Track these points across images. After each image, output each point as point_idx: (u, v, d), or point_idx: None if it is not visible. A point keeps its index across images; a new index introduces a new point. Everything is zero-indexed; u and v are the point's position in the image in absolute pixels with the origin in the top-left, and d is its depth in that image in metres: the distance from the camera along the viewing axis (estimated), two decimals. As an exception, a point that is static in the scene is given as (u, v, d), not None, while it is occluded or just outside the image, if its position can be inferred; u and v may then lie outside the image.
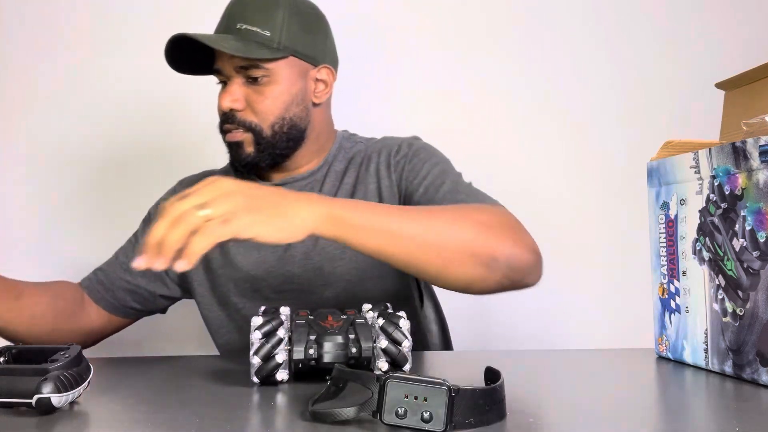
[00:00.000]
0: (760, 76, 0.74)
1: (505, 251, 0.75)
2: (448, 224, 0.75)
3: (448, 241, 0.73)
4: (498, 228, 0.77)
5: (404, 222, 0.72)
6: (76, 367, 0.56)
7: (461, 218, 0.76)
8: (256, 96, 0.94)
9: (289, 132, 0.96)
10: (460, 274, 0.75)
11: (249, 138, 0.95)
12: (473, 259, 0.74)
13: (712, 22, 1.68)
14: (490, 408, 0.48)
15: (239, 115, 0.94)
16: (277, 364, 0.62)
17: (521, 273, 0.77)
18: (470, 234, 0.75)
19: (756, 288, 0.62)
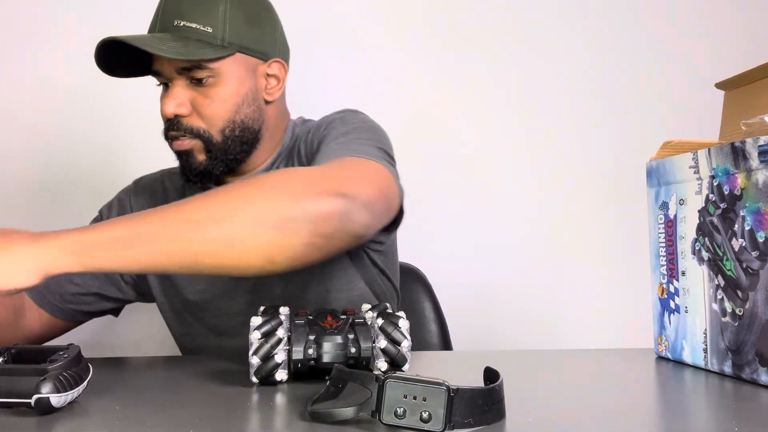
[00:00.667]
0: (759, 77, 0.74)
1: (303, 210, 0.66)
2: (204, 210, 0.65)
3: (207, 230, 0.64)
4: (300, 186, 0.68)
5: (155, 224, 0.64)
6: (75, 367, 0.56)
7: (234, 194, 0.67)
8: (203, 99, 0.87)
9: (241, 135, 0.90)
10: (247, 249, 0.65)
11: (198, 145, 0.88)
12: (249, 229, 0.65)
13: (712, 22, 1.68)
14: (489, 408, 0.48)
15: (185, 121, 0.87)
16: (276, 364, 0.62)
17: (337, 225, 0.68)
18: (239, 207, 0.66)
19: (755, 288, 0.62)
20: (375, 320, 0.66)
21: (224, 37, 0.86)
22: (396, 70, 1.59)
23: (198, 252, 0.64)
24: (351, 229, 0.69)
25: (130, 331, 1.48)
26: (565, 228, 1.60)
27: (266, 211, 0.65)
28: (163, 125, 0.89)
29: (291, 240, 0.65)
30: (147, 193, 1.03)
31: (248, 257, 0.65)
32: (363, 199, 0.71)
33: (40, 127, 1.48)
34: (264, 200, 0.66)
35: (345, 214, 0.68)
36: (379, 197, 0.75)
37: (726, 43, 1.66)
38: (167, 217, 0.65)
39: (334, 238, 0.68)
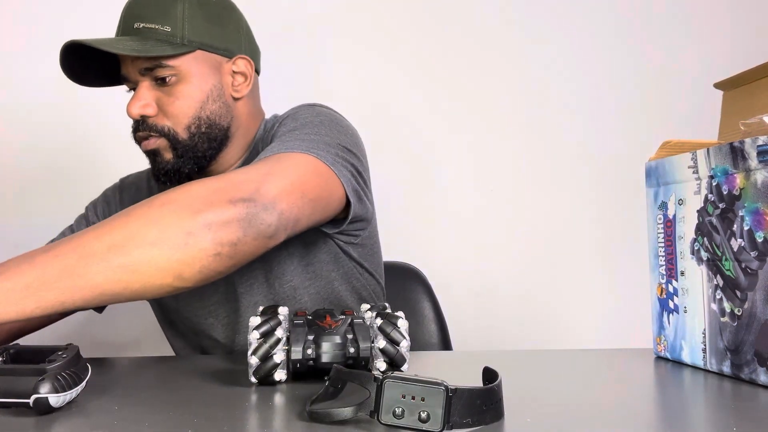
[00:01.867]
0: (758, 77, 0.74)
1: (205, 223, 0.65)
2: (104, 238, 0.63)
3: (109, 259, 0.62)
4: (187, 201, 0.66)
5: (54, 265, 0.61)
6: (74, 367, 0.56)
7: (126, 220, 0.65)
8: (167, 98, 0.88)
9: (208, 132, 0.90)
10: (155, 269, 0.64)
11: (164, 144, 0.89)
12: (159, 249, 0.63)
13: (711, 22, 1.68)
14: (487, 408, 0.48)
15: (150, 121, 0.88)
16: (275, 364, 0.62)
17: (240, 230, 0.67)
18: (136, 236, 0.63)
19: (754, 288, 0.62)
20: (374, 320, 0.66)
21: (183, 35, 0.87)
22: (395, 70, 1.59)
23: (104, 282, 0.62)
24: (256, 232, 0.69)
25: (129, 331, 1.48)
26: (565, 228, 1.60)
27: (166, 230, 0.64)
28: (132, 128, 0.90)
29: (196, 254, 0.65)
30: (132, 190, 1.05)
31: (156, 278, 0.64)
32: (267, 199, 0.70)
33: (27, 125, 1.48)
34: (163, 219, 0.65)
35: (246, 219, 0.68)
36: (290, 192, 0.73)
37: (725, 43, 1.66)
38: (66, 255, 0.62)
39: (241, 244, 0.68)
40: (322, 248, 0.95)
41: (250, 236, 0.68)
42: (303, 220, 0.77)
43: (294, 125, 0.88)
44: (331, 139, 0.86)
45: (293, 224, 0.75)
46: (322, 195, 0.80)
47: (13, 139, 1.48)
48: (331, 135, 0.87)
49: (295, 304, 0.94)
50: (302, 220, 0.76)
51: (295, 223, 0.75)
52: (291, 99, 1.05)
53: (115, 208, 1.03)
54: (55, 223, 1.10)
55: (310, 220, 0.78)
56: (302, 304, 0.95)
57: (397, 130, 1.58)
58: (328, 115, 0.92)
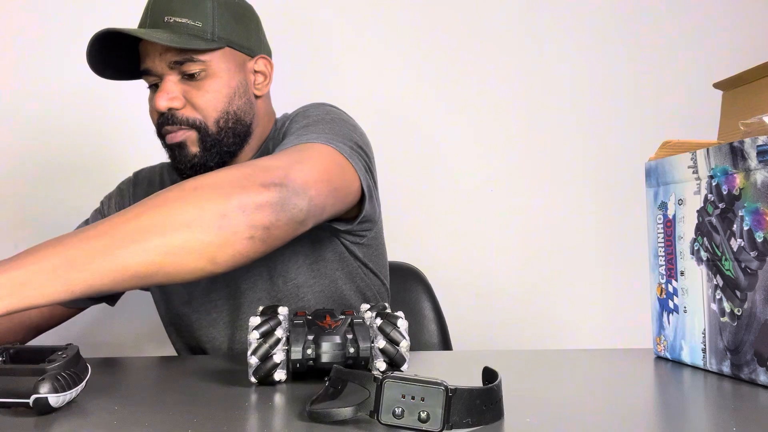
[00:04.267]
0: (757, 77, 0.74)
1: (236, 205, 0.65)
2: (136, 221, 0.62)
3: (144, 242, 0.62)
4: (233, 185, 0.66)
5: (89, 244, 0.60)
6: (74, 367, 0.56)
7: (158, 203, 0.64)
8: (195, 91, 0.88)
9: (234, 127, 0.91)
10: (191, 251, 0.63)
11: (193, 136, 0.89)
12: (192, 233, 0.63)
13: (711, 22, 1.68)
14: (487, 408, 0.48)
15: (179, 114, 0.88)
16: (275, 364, 0.62)
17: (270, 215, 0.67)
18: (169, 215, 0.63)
19: (754, 288, 0.62)
20: (374, 320, 0.66)
21: (214, 32, 0.88)
22: (394, 70, 1.59)
23: (137, 264, 0.61)
24: (288, 216, 0.68)
25: (129, 331, 1.48)
26: (565, 228, 1.60)
27: (201, 213, 0.64)
28: (156, 123, 0.91)
29: (230, 237, 0.64)
30: (145, 184, 1.06)
31: (190, 261, 0.63)
32: (297, 185, 0.70)
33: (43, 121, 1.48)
34: (196, 202, 0.64)
35: (279, 203, 0.67)
36: (318, 180, 0.74)
37: (725, 43, 1.66)
38: (97, 237, 0.61)
39: (274, 228, 0.67)
40: (328, 247, 0.95)
41: (282, 220, 0.68)
42: (328, 209, 0.77)
43: (306, 122, 0.89)
44: (345, 135, 0.87)
45: (320, 212, 0.74)
46: (343, 185, 0.80)
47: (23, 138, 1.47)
48: (344, 131, 0.88)
49: (298, 302, 0.95)
50: (327, 208, 0.76)
51: (321, 211, 0.75)
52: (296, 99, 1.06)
53: (128, 201, 1.04)
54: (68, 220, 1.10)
55: (333, 210, 0.79)
56: (305, 303, 0.95)
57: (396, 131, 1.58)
58: (339, 114, 0.93)
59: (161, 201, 0.65)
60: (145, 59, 0.88)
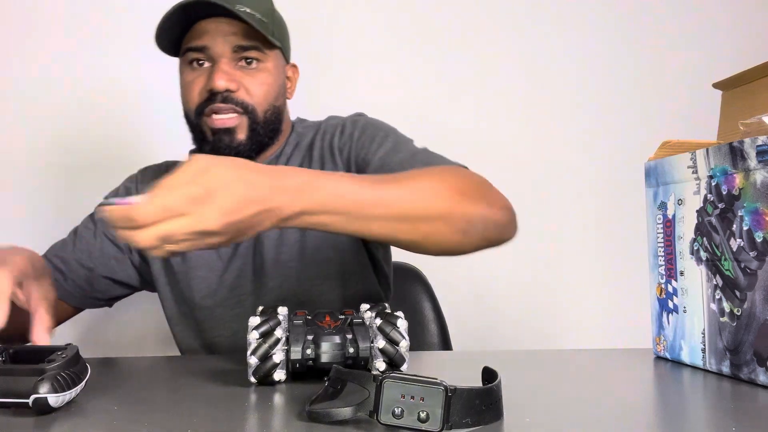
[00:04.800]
0: (757, 76, 0.74)
1: (480, 214, 0.73)
2: (421, 193, 0.70)
3: (424, 211, 0.69)
4: (470, 191, 0.74)
5: (378, 193, 0.66)
6: (73, 367, 0.56)
7: (433, 185, 0.71)
8: (251, 78, 0.90)
9: (274, 122, 0.94)
10: (437, 243, 0.71)
11: (244, 122, 0.90)
12: (450, 227, 0.70)
13: (711, 22, 1.68)
14: (486, 408, 0.48)
15: (236, 96, 0.89)
16: (275, 364, 0.62)
17: (497, 233, 0.75)
18: (444, 202, 0.70)
19: (753, 288, 0.62)
20: (373, 320, 0.66)
21: (273, 31, 0.92)
22: (394, 68, 1.59)
23: (423, 231, 0.69)
24: (506, 238, 0.78)
25: (129, 331, 1.48)
26: (564, 228, 1.60)
27: (460, 215, 0.71)
28: (199, 103, 0.90)
29: (468, 240, 0.72)
30: (153, 181, 1.04)
31: (439, 247, 0.72)
32: (514, 214, 0.80)
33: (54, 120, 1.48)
34: (459, 203, 0.72)
35: (507, 226, 0.77)
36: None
37: (724, 43, 1.66)
38: (409, 191, 0.69)
39: (493, 243, 0.76)
40: (357, 252, 0.98)
41: (499, 241, 0.77)
42: None
43: (384, 133, 0.94)
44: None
45: None
46: None
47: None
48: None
49: (319, 305, 0.95)
50: None
51: None
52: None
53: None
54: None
55: None
56: (324, 305, 0.96)
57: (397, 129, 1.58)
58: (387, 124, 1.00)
59: (444, 178, 0.73)
60: (204, 37, 0.89)
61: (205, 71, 0.91)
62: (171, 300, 1.01)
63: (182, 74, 0.94)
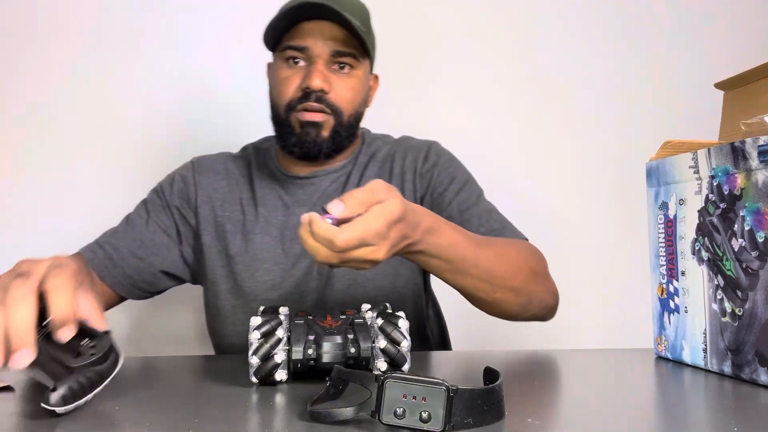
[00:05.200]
0: (758, 77, 0.74)
1: (540, 297, 0.84)
2: (508, 265, 0.80)
3: (505, 282, 0.79)
4: (539, 273, 0.85)
5: (478, 254, 0.75)
6: (100, 365, 0.55)
7: (519, 261, 0.82)
8: (342, 83, 0.95)
9: (353, 127, 0.99)
10: (501, 308, 0.82)
11: (330, 122, 0.95)
12: (516, 299, 0.81)
13: (712, 22, 1.68)
14: (488, 408, 0.48)
15: (328, 97, 0.94)
16: (276, 364, 0.62)
17: (542, 314, 0.87)
18: (521, 278, 0.81)
19: (755, 288, 0.62)
20: (374, 320, 0.66)
21: (369, 42, 0.97)
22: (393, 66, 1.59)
23: (498, 297, 0.80)
24: (547, 319, 0.90)
25: (129, 331, 1.48)
26: (565, 227, 1.60)
27: (527, 293, 0.83)
28: (290, 98, 0.95)
29: (523, 313, 0.84)
30: (210, 172, 1.07)
31: (500, 311, 0.83)
32: (559, 300, 0.91)
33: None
34: (530, 283, 0.83)
35: (552, 311, 0.91)
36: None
37: (726, 43, 1.66)
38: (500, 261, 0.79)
39: (537, 319, 0.88)
40: (420, 275, 1.04)
41: (541, 320, 0.89)
42: None
43: (464, 177, 1.03)
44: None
45: None
46: None
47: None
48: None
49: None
50: None
51: None
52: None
53: (193, 188, 1.04)
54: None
55: None
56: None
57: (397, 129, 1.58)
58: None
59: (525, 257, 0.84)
60: (306, 38, 0.93)
61: (302, 70, 0.95)
62: (226, 292, 1.01)
63: (278, 69, 0.98)
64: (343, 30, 0.93)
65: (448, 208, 0.98)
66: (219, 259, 1.01)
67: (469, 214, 0.97)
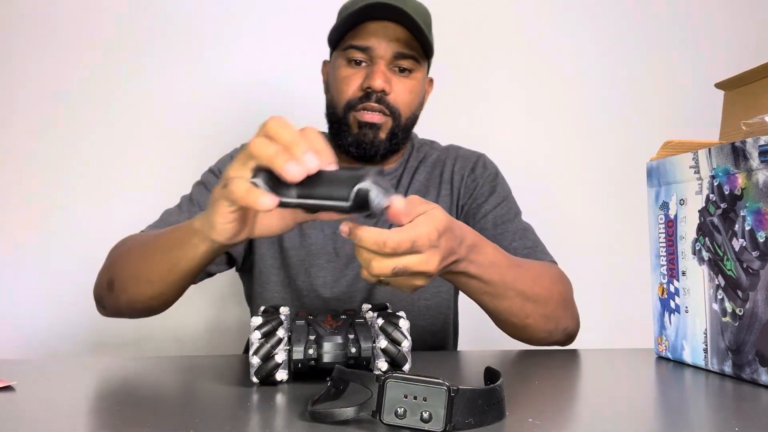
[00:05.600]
0: (759, 77, 0.74)
1: (565, 324, 0.85)
2: (541, 290, 0.81)
3: (537, 308, 0.79)
4: (567, 302, 0.87)
5: (514, 276, 0.76)
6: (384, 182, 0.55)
7: (551, 288, 0.83)
8: (402, 86, 0.95)
9: (409, 130, 0.99)
10: (530, 333, 0.82)
11: (388, 124, 0.95)
12: (546, 325, 0.82)
13: (712, 22, 1.68)
14: (489, 408, 0.48)
15: (388, 99, 0.94)
16: (277, 364, 0.62)
17: (563, 339, 0.86)
18: (551, 305, 0.82)
19: (755, 288, 0.62)
20: (375, 320, 0.66)
21: (431, 45, 0.97)
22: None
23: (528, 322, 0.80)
24: (567, 344, 0.89)
25: (129, 331, 1.48)
26: (565, 227, 1.60)
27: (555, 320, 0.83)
28: (350, 98, 0.95)
29: (547, 338, 0.84)
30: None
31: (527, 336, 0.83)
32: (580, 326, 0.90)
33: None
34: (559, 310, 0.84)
35: (574, 337, 0.89)
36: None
37: (726, 43, 1.66)
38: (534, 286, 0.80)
39: (557, 344, 0.87)
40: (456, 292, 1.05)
41: (563, 345, 0.88)
42: None
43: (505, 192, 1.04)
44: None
45: None
46: None
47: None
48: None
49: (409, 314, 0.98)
50: None
51: None
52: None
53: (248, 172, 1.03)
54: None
55: None
56: (417, 317, 1.00)
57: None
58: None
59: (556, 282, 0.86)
60: (370, 38, 0.94)
61: (363, 70, 0.95)
62: (278, 284, 1.00)
63: (338, 67, 0.97)
64: (406, 32, 0.94)
65: (483, 219, 0.99)
66: (271, 249, 1.01)
67: (503, 228, 0.97)
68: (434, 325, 1.03)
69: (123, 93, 1.49)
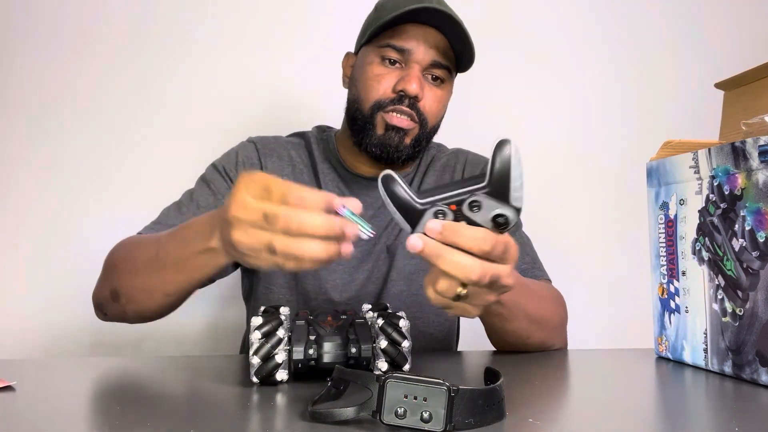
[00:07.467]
0: (759, 77, 0.74)
1: (556, 346, 0.89)
2: (544, 311, 0.84)
3: (540, 328, 0.83)
4: (563, 325, 0.90)
5: (526, 298, 0.78)
6: None
7: (552, 310, 0.88)
8: (432, 94, 0.94)
9: (431, 138, 0.98)
10: (527, 345, 0.85)
11: (415, 130, 0.94)
12: (542, 345, 0.86)
13: (712, 22, 1.68)
14: (489, 408, 0.48)
15: (420, 105, 0.93)
16: (277, 364, 0.62)
17: (552, 348, 0.89)
18: (550, 329, 0.86)
19: (755, 288, 0.62)
20: (375, 320, 0.66)
21: (466, 56, 0.96)
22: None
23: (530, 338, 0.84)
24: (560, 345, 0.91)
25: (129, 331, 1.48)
26: (565, 228, 1.60)
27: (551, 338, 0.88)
28: (381, 98, 0.92)
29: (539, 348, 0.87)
30: (275, 156, 1.03)
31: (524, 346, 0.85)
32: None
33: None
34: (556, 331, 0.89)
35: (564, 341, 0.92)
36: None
37: (726, 43, 1.66)
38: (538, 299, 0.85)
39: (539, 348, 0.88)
40: None
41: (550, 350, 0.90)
42: None
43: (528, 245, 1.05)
44: None
45: None
46: None
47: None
48: None
49: (416, 320, 0.99)
50: None
51: None
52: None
53: (259, 168, 1.00)
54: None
55: None
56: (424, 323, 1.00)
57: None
58: None
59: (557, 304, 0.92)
60: (410, 40, 0.92)
61: (396, 71, 0.93)
62: (282, 286, 0.98)
63: (370, 63, 0.94)
64: (445, 41, 0.92)
65: None
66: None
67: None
68: (441, 332, 1.03)
69: (123, 93, 1.49)
